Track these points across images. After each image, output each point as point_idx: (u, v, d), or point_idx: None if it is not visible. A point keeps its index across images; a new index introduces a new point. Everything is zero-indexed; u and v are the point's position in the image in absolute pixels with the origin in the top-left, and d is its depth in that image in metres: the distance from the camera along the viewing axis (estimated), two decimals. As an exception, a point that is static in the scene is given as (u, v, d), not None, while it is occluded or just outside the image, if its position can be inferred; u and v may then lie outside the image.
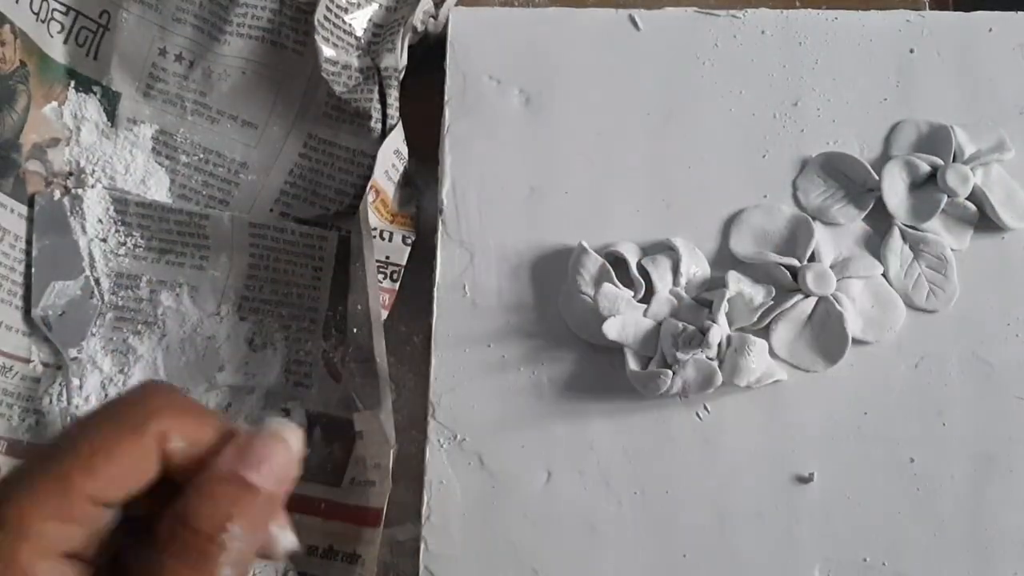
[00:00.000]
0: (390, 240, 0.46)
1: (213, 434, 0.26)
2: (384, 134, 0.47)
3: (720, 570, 0.43)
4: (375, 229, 0.45)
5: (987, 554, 0.43)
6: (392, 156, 0.46)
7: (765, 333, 0.44)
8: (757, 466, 0.43)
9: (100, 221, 0.48)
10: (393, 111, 0.47)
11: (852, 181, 0.47)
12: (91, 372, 0.47)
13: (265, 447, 0.25)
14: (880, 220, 0.46)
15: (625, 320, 0.44)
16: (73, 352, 0.47)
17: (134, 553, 0.25)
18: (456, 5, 0.49)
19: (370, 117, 0.47)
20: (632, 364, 0.43)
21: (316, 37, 0.47)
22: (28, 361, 0.47)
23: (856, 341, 0.44)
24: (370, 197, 0.45)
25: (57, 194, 0.49)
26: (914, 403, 0.44)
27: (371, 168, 0.45)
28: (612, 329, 0.43)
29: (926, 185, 0.46)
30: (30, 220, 0.48)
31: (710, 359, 0.42)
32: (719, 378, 0.42)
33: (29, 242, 0.48)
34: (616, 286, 0.44)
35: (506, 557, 0.43)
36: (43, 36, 0.49)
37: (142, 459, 0.24)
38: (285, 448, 0.26)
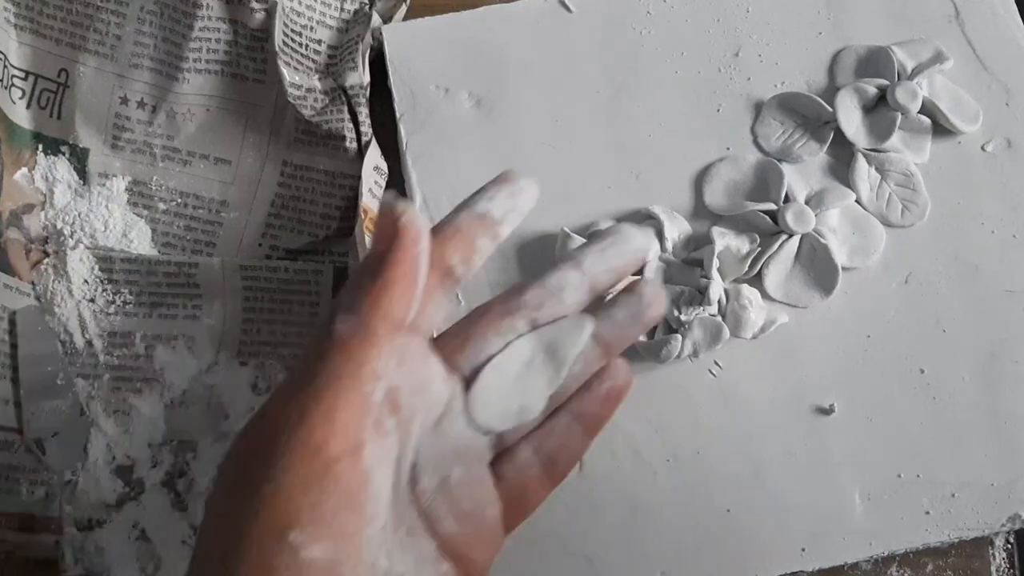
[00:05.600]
0: None
1: None
2: (361, 152, 0.46)
3: (765, 517, 0.43)
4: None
5: (1008, 443, 0.44)
6: (373, 173, 0.45)
7: (758, 280, 0.45)
8: (778, 409, 0.44)
9: (86, 282, 0.47)
10: (366, 128, 0.47)
11: (807, 117, 0.48)
12: (96, 435, 0.46)
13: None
14: (842, 149, 0.47)
15: (623, 295, 0.44)
16: (68, 475, 0.45)
17: None
18: (404, 18, 0.49)
19: (343, 137, 0.47)
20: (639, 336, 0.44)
21: (279, 63, 0.47)
22: (21, 432, 0.45)
23: (845, 269, 0.45)
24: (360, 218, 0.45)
25: (35, 302, 0.47)
26: (912, 317, 0.45)
27: (354, 189, 0.44)
28: (613, 306, 0.43)
29: (878, 107, 0.47)
30: (7, 287, 0.47)
31: (712, 315, 0.43)
32: (726, 331, 0.43)
33: (12, 322, 0.46)
34: (607, 264, 0.44)
35: (556, 550, 0.43)
36: (6, 103, 0.48)
37: None
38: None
